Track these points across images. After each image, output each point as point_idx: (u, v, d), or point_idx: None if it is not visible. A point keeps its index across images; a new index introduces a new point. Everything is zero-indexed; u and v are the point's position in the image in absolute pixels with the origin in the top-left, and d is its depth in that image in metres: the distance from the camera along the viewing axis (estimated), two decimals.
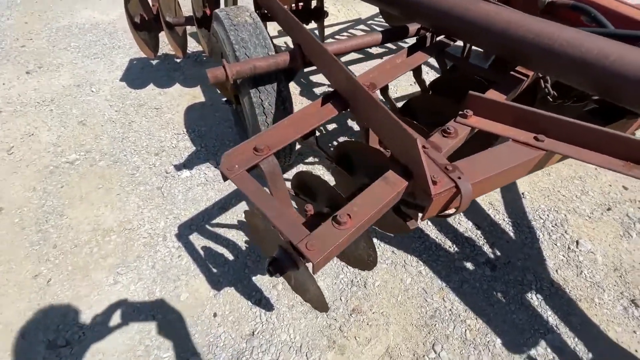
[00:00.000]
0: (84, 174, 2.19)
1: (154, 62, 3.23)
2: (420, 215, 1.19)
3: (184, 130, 2.52)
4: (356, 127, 2.55)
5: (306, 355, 1.44)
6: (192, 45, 3.40)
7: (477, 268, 1.71)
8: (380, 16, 3.94)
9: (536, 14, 1.33)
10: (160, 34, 2.81)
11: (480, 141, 1.46)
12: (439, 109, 1.47)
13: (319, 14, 2.54)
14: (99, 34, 3.65)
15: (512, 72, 1.34)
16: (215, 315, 1.56)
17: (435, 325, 1.53)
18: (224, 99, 2.10)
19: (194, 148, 2.38)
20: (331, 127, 2.55)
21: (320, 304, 1.09)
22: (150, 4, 2.53)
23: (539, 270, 1.69)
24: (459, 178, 0.93)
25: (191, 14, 2.56)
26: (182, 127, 2.55)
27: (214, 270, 1.72)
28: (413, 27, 1.69)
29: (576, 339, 1.48)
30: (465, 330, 1.51)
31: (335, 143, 2.43)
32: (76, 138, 2.44)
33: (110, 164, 2.25)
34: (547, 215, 1.94)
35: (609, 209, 1.97)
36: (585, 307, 1.58)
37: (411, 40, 1.68)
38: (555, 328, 1.51)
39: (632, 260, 1.74)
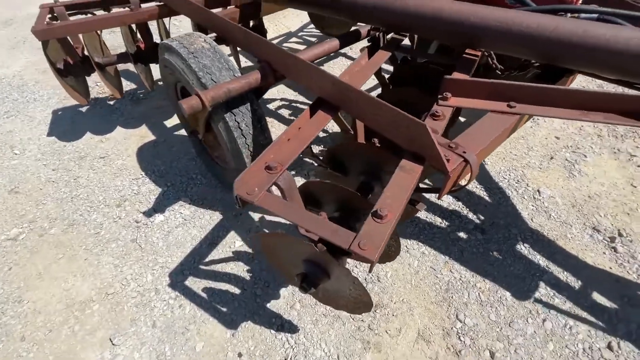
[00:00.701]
0: (35, 247, 1.89)
1: (84, 108, 2.92)
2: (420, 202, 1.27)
3: (141, 173, 2.32)
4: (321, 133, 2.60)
5: None
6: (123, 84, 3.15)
7: (469, 235, 1.86)
8: (309, 27, 4.09)
9: (470, 1, 1.53)
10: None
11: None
12: (407, 99, 1.59)
13: (260, 33, 2.56)
14: (4, 89, 3.20)
15: (464, 54, 1.51)
16: (240, 355, 1.46)
17: (452, 297, 1.62)
18: (190, 131, 1.99)
19: (160, 189, 2.20)
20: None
21: (363, 304, 1.09)
22: (74, 46, 2.30)
23: (518, 223, 1.90)
24: (464, 152, 1.02)
25: (120, 51, 2.40)
26: (139, 170, 2.35)
27: (224, 309, 1.60)
28: (364, 30, 1.80)
29: (565, 273, 1.69)
30: (478, 293, 1.63)
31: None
32: (12, 210, 2.10)
33: (66, 229, 1.98)
34: (509, 174, 2.18)
35: (552, 158, 2.29)
36: (562, 244, 1.81)
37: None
38: (546, 268, 1.70)
39: (582, 195, 2.04)
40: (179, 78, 1.65)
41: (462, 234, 1.87)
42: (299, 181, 2.20)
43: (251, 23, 2.54)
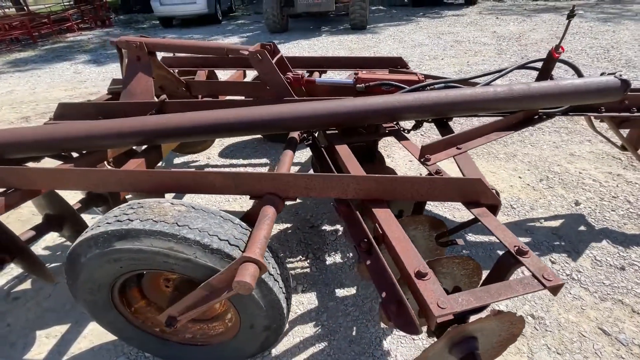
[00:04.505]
0: None
1: None
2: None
3: None
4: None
5: None
6: None
7: None
8: None
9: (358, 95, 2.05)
10: None
11: None
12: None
13: None
14: None
15: (387, 128, 1.97)
16: None
17: None
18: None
19: None
20: None
21: (516, 329, 1.19)
22: None
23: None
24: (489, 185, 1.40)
25: None
26: None
27: None
28: (295, 134, 1.96)
29: None
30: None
31: None
32: None
33: None
34: None
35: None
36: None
37: None
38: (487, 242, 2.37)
39: None
40: (155, 264, 1.21)
41: None
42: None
43: None
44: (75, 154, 1.90)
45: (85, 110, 2.11)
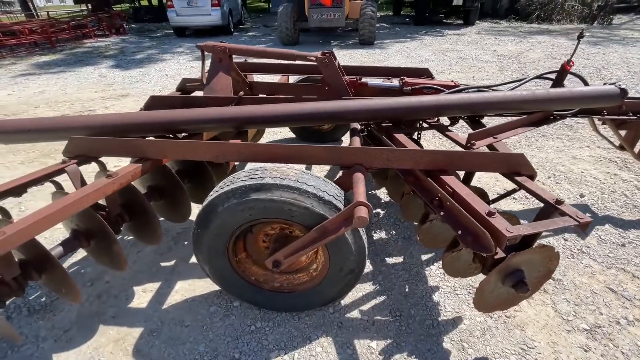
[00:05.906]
0: None
1: None
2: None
3: None
4: None
5: None
6: None
7: None
8: None
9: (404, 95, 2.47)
10: None
11: None
12: None
13: None
14: None
15: (431, 123, 2.39)
16: None
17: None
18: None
19: None
20: None
21: (553, 262, 1.58)
22: None
23: None
24: None
25: None
26: None
27: None
28: (356, 125, 2.36)
29: None
30: None
31: None
32: None
33: None
34: None
35: None
36: None
37: None
38: None
39: None
40: (280, 212, 1.57)
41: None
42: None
43: None
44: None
45: (173, 102, 2.49)
